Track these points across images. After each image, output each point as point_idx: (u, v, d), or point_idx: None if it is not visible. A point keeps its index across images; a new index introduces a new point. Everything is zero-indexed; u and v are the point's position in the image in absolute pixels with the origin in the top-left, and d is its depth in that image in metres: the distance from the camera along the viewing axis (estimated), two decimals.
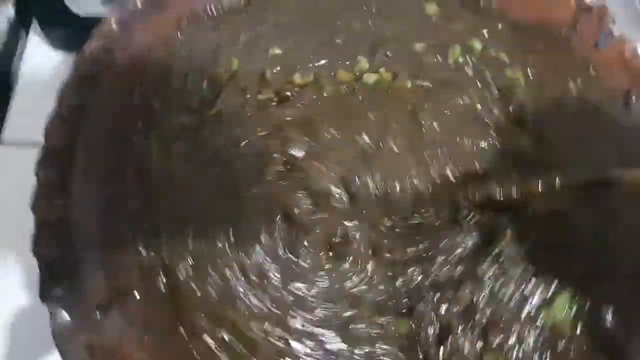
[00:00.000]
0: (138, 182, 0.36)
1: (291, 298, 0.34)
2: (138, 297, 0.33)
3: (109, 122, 0.37)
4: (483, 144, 0.38)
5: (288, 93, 0.40)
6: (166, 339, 0.32)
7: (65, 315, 0.30)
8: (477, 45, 0.42)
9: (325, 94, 0.39)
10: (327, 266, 0.35)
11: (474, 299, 0.34)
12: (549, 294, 0.34)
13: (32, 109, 0.34)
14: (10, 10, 0.53)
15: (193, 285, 0.33)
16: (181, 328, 0.32)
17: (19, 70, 0.52)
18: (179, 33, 0.41)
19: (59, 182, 0.34)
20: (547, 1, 0.42)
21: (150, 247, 0.34)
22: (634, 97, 0.41)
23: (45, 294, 0.30)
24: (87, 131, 0.36)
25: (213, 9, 0.42)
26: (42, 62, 0.52)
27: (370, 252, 0.36)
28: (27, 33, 0.54)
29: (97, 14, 0.49)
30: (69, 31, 0.51)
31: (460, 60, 0.41)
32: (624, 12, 0.63)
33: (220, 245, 0.35)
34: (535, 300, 0.34)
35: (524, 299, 0.34)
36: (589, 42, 0.42)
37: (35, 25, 0.53)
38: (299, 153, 0.37)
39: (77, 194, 0.34)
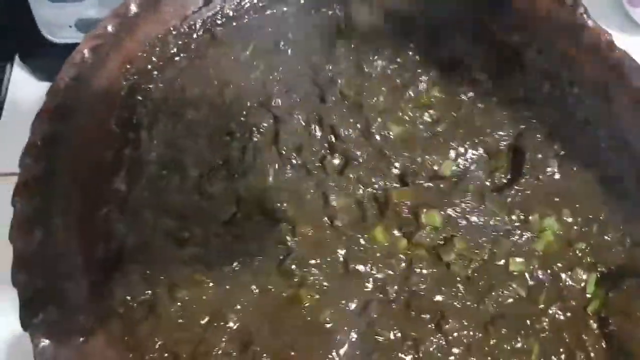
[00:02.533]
0: (119, 210, 0.37)
1: None
2: (120, 323, 0.33)
3: (88, 150, 0.38)
4: None
5: None
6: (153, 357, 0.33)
7: (46, 341, 0.30)
8: None
9: None
10: None
11: None
12: None
13: (16, 140, 0.35)
14: None
15: (174, 310, 0.34)
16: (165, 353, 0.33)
17: (3, 102, 0.53)
18: (151, 56, 0.42)
19: (38, 212, 0.34)
20: None
21: (133, 271, 0.35)
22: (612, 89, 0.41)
23: (26, 321, 0.31)
24: (64, 161, 0.36)
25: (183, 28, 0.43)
26: (25, 93, 0.53)
27: None
28: (11, 65, 0.56)
29: (73, 40, 0.50)
30: (50, 61, 0.52)
31: None
32: (611, 13, 0.63)
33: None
34: None
35: None
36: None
37: (17, 58, 0.55)
38: None
39: (58, 224, 0.35)
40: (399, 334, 0.35)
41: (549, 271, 0.37)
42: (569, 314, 0.36)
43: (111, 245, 0.35)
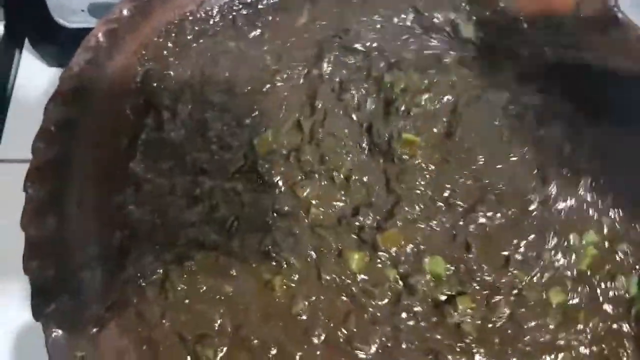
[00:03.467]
0: (135, 198, 0.36)
1: None
2: (134, 311, 0.32)
3: (102, 136, 0.37)
4: None
5: None
6: (167, 349, 0.32)
7: (59, 332, 0.30)
8: None
9: None
10: None
11: None
12: None
13: (27, 126, 0.34)
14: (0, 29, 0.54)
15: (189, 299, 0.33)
16: (180, 339, 0.32)
17: (13, 88, 0.52)
18: (167, 41, 0.41)
19: (51, 199, 0.33)
20: None
21: (147, 260, 0.34)
22: None
23: (38, 311, 0.30)
24: (78, 146, 0.36)
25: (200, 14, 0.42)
26: (35, 79, 0.52)
27: None
28: (20, 51, 0.55)
29: (85, 25, 0.49)
30: (61, 47, 0.51)
31: None
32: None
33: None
34: None
35: None
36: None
37: (27, 44, 0.54)
38: None
39: (72, 212, 0.34)
40: None
41: (587, 288, 0.35)
42: (609, 323, 0.35)
43: (126, 233, 0.34)
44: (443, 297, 0.34)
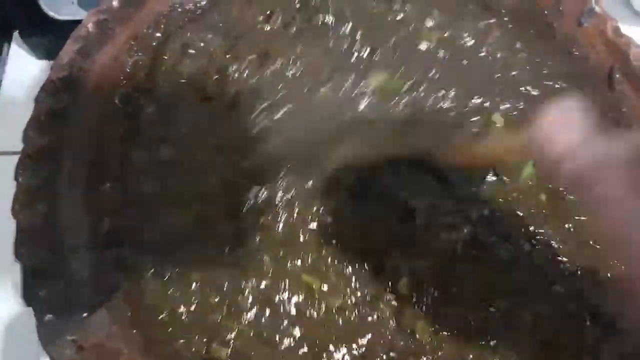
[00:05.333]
0: (124, 185, 0.36)
1: None
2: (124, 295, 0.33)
3: (91, 125, 0.37)
4: None
5: None
6: (156, 332, 0.32)
7: (50, 316, 0.30)
8: None
9: None
10: None
11: None
12: None
13: (16, 119, 0.35)
14: None
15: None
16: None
17: (2, 81, 0.52)
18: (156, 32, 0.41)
19: (42, 186, 0.34)
20: None
21: (138, 246, 0.34)
22: (617, 74, 0.41)
23: (29, 296, 0.30)
24: (70, 135, 0.36)
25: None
26: (25, 72, 0.52)
27: None
28: (9, 44, 0.54)
29: (75, 17, 0.49)
30: (50, 39, 0.51)
31: None
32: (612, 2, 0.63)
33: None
34: None
35: None
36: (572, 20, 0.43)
37: (16, 36, 0.53)
38: None
39: (63, 199, 0.34)
40: None
41: None
42: None
43: (116, 219, 0.34)
44: None
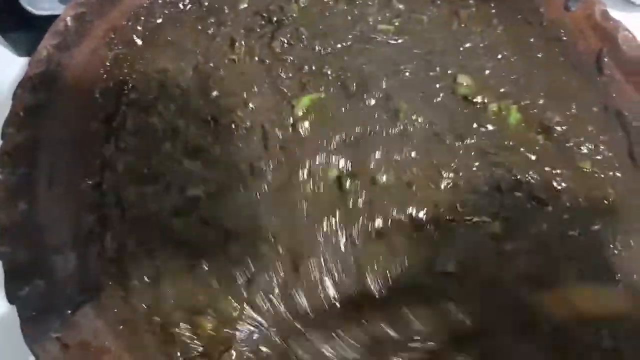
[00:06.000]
0: (105, 181, 0.36)
1: None
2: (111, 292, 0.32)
3: (71, 120, 0.37)
4: None
5: None
6: (142, 328, 0.32)
7: (34, 314, 0.29)
8: None
9: None
10: None
11: None
12: None
13: None
14: None
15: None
16: (156, 318, 0.32)
17: None
18: (136, 25, 0.41)
19: (21, 183, 0.33)
20: None
21: (121, 243, 0.34)
22: (605, 58, 0.41)
23: (12, 294, 0.30)
24: (49, 131, 0.35)
25: None
26: (5, 69, 0.51)
27: None
28: None
29: (55, 12, 0.48)
30: (30, 35, 0.51)
31: None
32: None
33: None
34: None
35: None
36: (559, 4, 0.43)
37: None
38: None
39: (43, 196, 0.34)
40: None
41: None
42: None
43: (98, 215, 0.34)
44: None
